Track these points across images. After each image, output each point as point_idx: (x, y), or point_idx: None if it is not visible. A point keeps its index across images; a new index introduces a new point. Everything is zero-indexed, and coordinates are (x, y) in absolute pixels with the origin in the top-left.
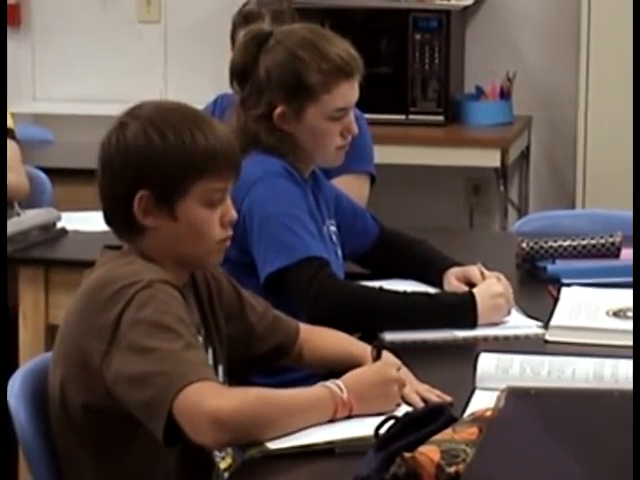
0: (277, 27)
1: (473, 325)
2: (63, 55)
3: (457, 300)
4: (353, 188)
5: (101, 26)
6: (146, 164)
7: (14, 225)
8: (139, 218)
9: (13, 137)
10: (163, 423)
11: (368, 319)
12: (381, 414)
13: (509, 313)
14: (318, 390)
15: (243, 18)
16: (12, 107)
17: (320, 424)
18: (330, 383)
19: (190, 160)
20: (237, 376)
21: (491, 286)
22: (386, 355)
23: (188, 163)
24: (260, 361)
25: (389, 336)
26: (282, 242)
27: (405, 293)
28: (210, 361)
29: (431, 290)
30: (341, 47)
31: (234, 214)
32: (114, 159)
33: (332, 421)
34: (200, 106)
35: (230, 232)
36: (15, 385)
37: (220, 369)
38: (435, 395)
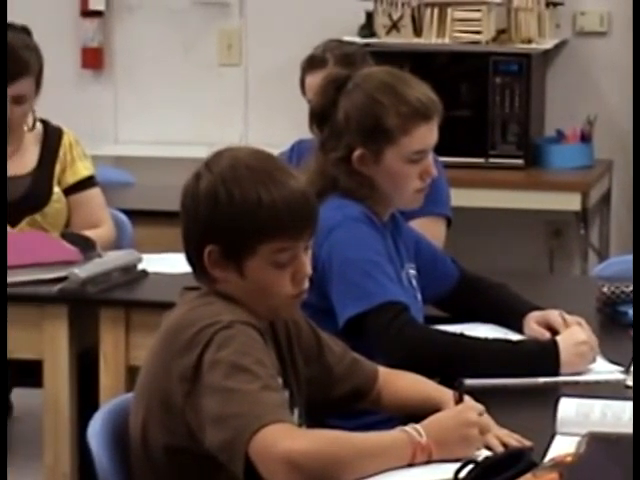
0: (347, 70)
1: (555, 374)
2: (144, 98)
3: (540, 348)
4: (429, 231)
5: (182, 69)
6: (213, 221)
7: (96, 266)
8: (208, 269)
9: (96, 184)
10: (242, 464)
11: (448, 365)
12: (460, 459)
13: (594, 361)
14: (396, 434)
15: (308, 63)
16: (94, 150)
17: (397, 468)
18: (409, 427)
19: (254, 223)
20: (315, 419)
21: (575, 334)
22: (468, 399)
23: (252, 226)
24: (338, 404)
25: (468, 380)
26: (361, 288)
27: (486, 340)
28: None
29: (511, 334)
30: (420, 90)
31: (308, 270)
32: (188, 209)
33: (410, 465)
34: (279, 150)
35: (304, 287)
36: (96, 426)
37: (296, 412)
38: (515, 440)
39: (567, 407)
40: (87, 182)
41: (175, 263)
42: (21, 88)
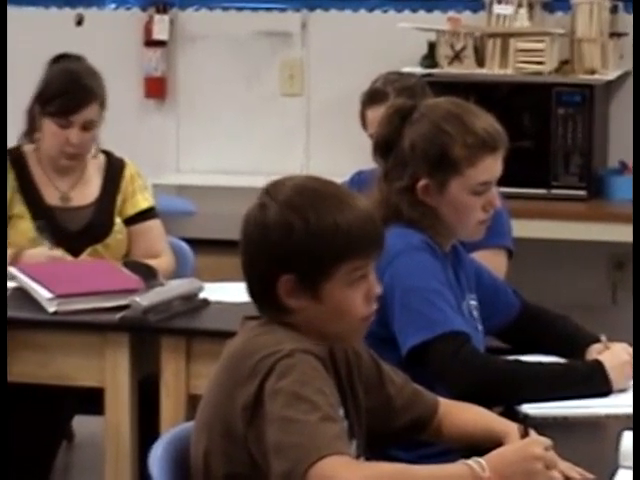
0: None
1: (608, 392)
2: (207, 127)
3: (589, 369)
4: (491, 263)
5: (244, 99)
6: (289, 250)
7: (157, 295)
8: (283, 299)
9: (155, 215)
10: None
11: (513, 392)
12: None
13: None
14: (458, 467)
15: (369, 97)
16: (156, 179)
17: None
18: (472, 461)
19: (333, 245)
20: (375, 449)
21: (614, 350)
22: (533, 433)
23: (331, 248)
24: (398, 434)
25: (529, 411)
26: (425, 316)
27: (541, 363)
28: None
29: None
30: (486, 121)
31: (378, 289)
32: (255, 241)
33: None
34: (340, 180)
35: (374, 307)
36: (157, 454)
37: (354, 443)
38: (577, 473)
39: (631, 440)
40: (147, 213)
41: (236, 292)
42: (89, 114)
